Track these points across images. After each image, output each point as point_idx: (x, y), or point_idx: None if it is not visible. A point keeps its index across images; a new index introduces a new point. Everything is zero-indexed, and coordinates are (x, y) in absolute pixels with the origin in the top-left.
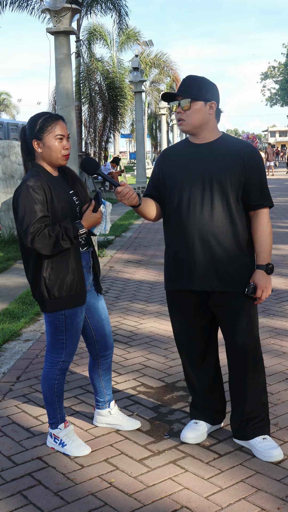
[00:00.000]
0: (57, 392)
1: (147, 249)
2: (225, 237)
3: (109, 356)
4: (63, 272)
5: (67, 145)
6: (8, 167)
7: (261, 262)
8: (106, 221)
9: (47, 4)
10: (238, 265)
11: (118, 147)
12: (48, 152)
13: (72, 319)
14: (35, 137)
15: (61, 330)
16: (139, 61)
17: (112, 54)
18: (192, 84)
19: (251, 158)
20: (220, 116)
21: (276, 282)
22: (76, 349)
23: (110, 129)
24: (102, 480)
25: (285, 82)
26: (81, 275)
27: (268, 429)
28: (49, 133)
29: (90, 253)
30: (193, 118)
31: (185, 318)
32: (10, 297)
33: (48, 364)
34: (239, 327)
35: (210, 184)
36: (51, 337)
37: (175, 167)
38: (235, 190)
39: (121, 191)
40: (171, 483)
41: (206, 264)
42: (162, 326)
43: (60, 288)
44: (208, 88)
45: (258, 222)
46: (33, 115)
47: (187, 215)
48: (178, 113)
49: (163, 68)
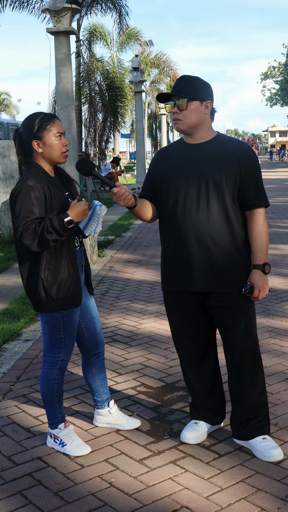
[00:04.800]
0: (57, 392)
1: (147, 249)
2: (221, 237)
3: (101, 353)
4: (61, 273)
5: (66, 142)
6: (8, 167)
7: (257, 262)
8: (98, 223)
9: (47, 4)
10: (235, 265)
11: (118, 147)
12: (49, 150)
13: (69, 317)
14: (35, 137)
15: (60, 329)
16: (139, 61)
17: (112, 54)
18: (188, 84)
19: (247, 157)
20: (214, 116)
21: (276, 282)
22: (73, 347)
23: (110, 129)
24: (102, 480)
25: (285, 82)
26: (77, 277)
27: (268, 429)
28: (48, 132)
29: (82, 252)
30: (189, 117)
31: (183, 319)
32: (10, 297)
33: (46, 365)
34: (237, 327)
35: (206, 184)
36: (49, 337)
37: (171, 168)
38: (231, 190)
39: (117, 192)
40: (171, 483)
41: (203, 265)
42: (162, 326)
43: (58, 290)
44: (203, 88)
45: (254, 222)
46: (27, 116)
47: (183, 215)
48: (174, 113)
49: (163, 68)
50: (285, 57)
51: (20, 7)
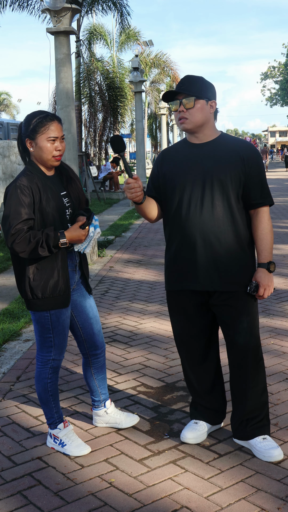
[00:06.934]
0: (51, 391)
1: (147, 249)
2: (226, 237)
3: (100, 355)
4: (48, 273)
5: (59, 147)
6: (8, 167)
7: (262, 260)
8: (89, 244)
9: (47, 4)
10: (240, 264)
11: None
12: (39, 152)
13: (57, 316)
14: (28, 136)
15: (48, 328)
16: (139, 61)
17: (112, 54)
18: (194, 83)
19: (251, 157)
20: (217, 116)
21: (276, 282)
22: (65, 346)
23: (110, 129)
24: (102, 480)
25: (285, 82)
26: (66, 277)
27: (268, 429)
28: (41, 134)
29: (76, 252)
30: (196, 116)
31: (186, 318)
32: (10, 297)
33: (39, 364)
34: (240, 326)
35: (211, 183)
36: (39, 336)
37: (175, 168)
38: (236, 189)
39: (130, 184)
40: (171, 483)
41: (207, 264)
42: (162, 326)
43: (43, 290)
44: (208, 87)
45: (258, 221)
46: (30, 113)
47: (188, 215)
48: (180, 112)
49: (163, 68)
50: (285, 57)
51: (20, 7)
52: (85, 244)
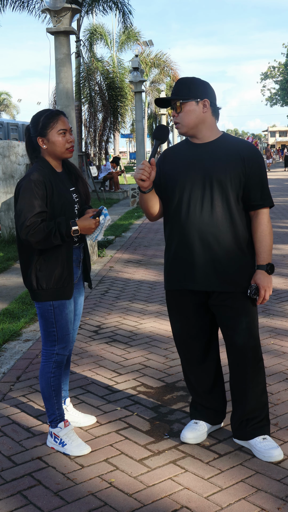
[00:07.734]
0: (54, 386)
1: (147, 249)
2: (225, 237)
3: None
4: (53, 264)
5: (70, 138)
6: (8, 167)
7: (261, 262)
8: (101, 232)
9: (47, 4)
10: (238, 265)
11: (118, 147)
12: (52, 147)
13: (60, 309)
14: (39, 134)
15: (51, 322)
16: (139, 61)
17: (112, 54)
18: (182, 86)
19: (252, 157)
20: (218, 114)
21: (276, 282)
22: (69, 341)
23: (110, 129)
24: (102, 480)
25: (285, 82)
26: (70, 270)
27: (268, 429)
28: (52, 129)
29: (81, 248)
30: (186, 119)
31: (185, 318)
32: (10, 297)
33: (44, 358)
34: (239, 327)
35: (210, 184)
36: (43, 330)
37: (176, 167)
38: (235, 190)
39: (143, 164)
40: (171, 483)
41: (206, 264)
42: (162, 326)
43: (48, 280)
44: (198, 86)
45: (258, 222)
46: (35, 113)
47: (187, 215)
48: (173, 117)
49: (163, 68)
50: (285, 57)
51: (20, 7)
52: (97, 232)
